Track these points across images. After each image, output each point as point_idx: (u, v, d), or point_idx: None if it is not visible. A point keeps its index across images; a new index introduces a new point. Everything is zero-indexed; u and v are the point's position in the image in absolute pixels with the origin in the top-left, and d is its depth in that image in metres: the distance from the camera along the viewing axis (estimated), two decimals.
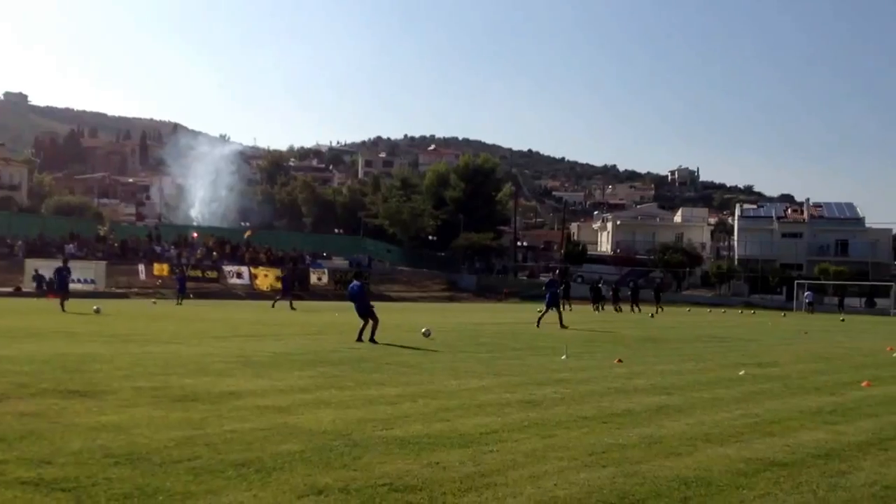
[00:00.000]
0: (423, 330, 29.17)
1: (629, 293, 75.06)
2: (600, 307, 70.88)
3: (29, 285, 65.07)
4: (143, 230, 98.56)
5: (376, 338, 26.85)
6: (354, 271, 34.10)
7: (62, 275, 44.33)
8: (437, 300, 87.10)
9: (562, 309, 42.45)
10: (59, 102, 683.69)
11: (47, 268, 65.79)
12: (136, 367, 18.44)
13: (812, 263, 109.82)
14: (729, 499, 8.79)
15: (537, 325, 39.28)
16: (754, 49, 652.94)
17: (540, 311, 42.13)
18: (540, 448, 10.95)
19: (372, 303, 28.42)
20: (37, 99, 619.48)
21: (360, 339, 26.71)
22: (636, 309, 70.28)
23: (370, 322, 27.15)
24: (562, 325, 39.27)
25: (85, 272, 69.50)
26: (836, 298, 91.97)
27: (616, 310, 70.05)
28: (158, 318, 38.34)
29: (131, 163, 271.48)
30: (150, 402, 13.55)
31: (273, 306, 55.88)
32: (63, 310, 39.98)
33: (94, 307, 40.02)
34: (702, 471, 9.94)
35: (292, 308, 50.69)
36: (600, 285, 75.35)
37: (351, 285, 28.95)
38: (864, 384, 19.59)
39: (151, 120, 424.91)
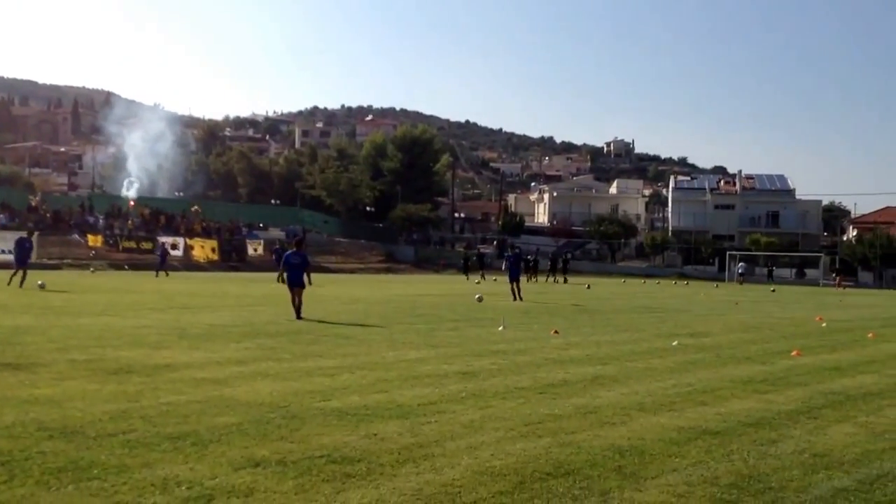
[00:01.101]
0: (477, 296, 28.25)
1: (560, 265, 76.23)
2: (533, 278, 71.63)
3: None
4: (75, 200, 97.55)
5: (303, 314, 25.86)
6: (296, 240, 33.14)
7: (24, 247, 40.75)
8: (375, 271, 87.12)
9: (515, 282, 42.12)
10: None
11: None
12: (70, 340, 18.29)
13: (744, 234, 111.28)
14: (662, 467, 8.91)
15: (518, 300, 38.98)
16: (688, 19, 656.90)
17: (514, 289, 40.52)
18: (477, 419, 11.01)
19: (311, 279, 27.35)
20: None
21: (299, 317, 25.49)
22: (560, 280, 72.47)
23: (297, 295, 26.09)
24: (518, 298, 39.08)
25: (6, 244, 68.62)
26: (767, 269, 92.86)
27: (555, 281, 71.07)
28: (91, 290, 37.96)
29: (63, 132, 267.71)
30: (84, 375, 13.44)
31: (157, 276, 55.50)
32: (21, 286, 38.00)
33: (39, 282, 39.25)
34: (635, 440, 10.06)
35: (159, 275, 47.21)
36: (529, 256, 75.81)
37: (290, 252, 27.50)
38: (794, 353, 19.90)
39: (84, 88, 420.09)
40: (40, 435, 9.30)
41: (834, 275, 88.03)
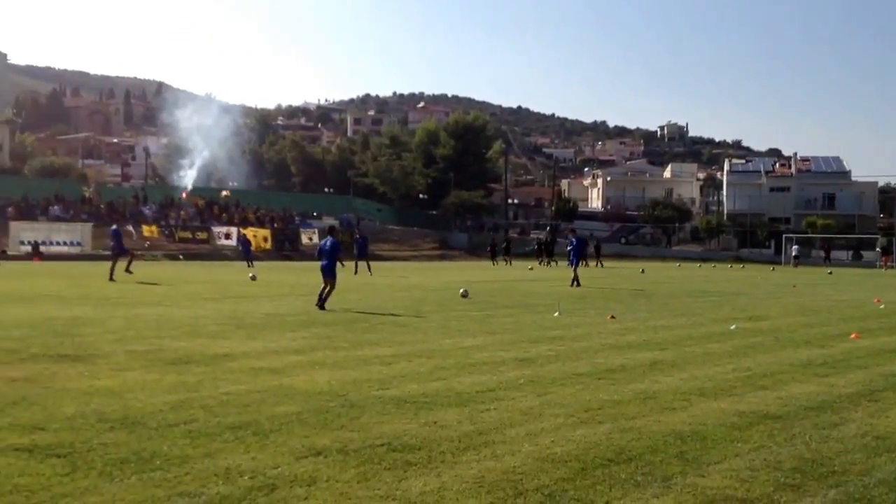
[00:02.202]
0: (462, 291, 28.05)
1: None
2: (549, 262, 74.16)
3: (15, 248, 64.65)
4: (129, 191, 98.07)
5: (327, 305, 24.93)
6: (328, 227, 33.00)
7: (119, 235, 41.33)
8: (429, 259, 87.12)
9: (551, 265, 41.71)
10: (40, 61, 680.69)
11: (31, 231, 65.59)
12: (128, 331, 18.40)
13: (799, 217, 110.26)
14: (724, 452, 8.84)
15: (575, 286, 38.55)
16: (743, 4, 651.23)
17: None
18: (536, 405, 10.98)
19: (343, 263, 27.49)
20: (16, 58, 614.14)
21: (320, 305, 24.90)
22: (595, 265, 72.28)
23: (328, 284, 25.52)
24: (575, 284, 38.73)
25: (71, 234, 69.26)
26: (823, 252, 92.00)
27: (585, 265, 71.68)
28: (148, 280, 38.15)
29: (115, 122, 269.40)
30: (143, 366, 13.53)
31: (249, 266, 55.41)
32: (128, 271, 39.42)
33: (250, 275, 40.79)
34: (696, 425, 10.00)
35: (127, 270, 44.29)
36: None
37: (323, 241, 27.13)
38: (852, 336, 19.71)
39: (135, 78, 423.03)
40: (101, 426, 9.34)
41: (881, 255, 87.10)
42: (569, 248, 41.35)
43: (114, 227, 42.89)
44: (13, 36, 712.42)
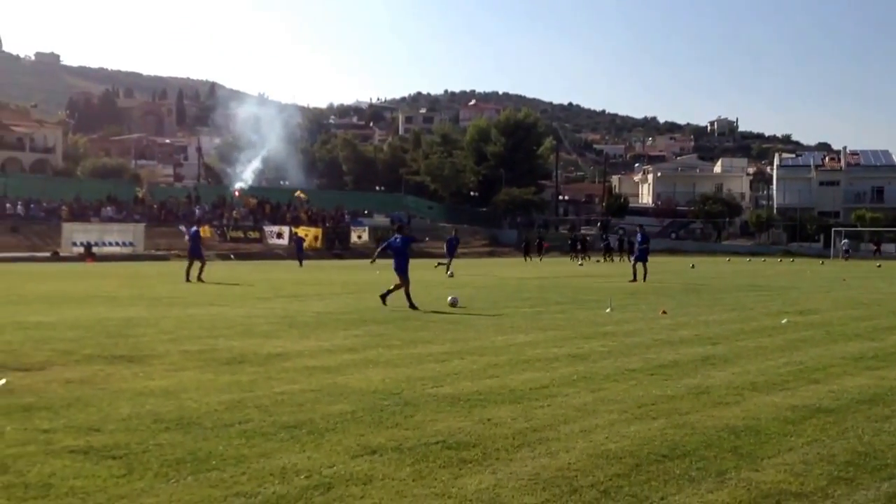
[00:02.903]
0: (450, 299, 27.77)
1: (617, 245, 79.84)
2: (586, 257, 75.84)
3: (67, 249, 65.23)
4: (181, 191, 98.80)
5: (389, 300, 24.66)
6: (397, 225, 32.80)
7: (196, 237, 39.15)
8: (479, 255, 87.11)
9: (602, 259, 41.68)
10: (93, 62, 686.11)
11: (84, 232, 66.13)
12: (181, 331, 18.49)
13: (849, 211, 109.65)
14: (777, 446, 8.83)
15: (637, 280, 38.55)
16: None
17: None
18: (590, 402, 10.98)
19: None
20: (69, 59, 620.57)
21: (410, 304, 24.31)
22: (618, 259, 74.89)
23: (402, 282, 24.99)
24: (634, 279, 38.67)
25: (124, 235, 69.81)
26: (873, 245, 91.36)
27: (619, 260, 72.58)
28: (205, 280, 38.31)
29: (168, 123, 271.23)
30: (197, 366, 13.61)
31: (301, 266, 55.56)
32: (199, 279, 36.75)
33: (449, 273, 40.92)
34: (750, 419, 9.98)
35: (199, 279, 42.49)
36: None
37: (392, 238, 26.45)
38: None
39: (188, 79, 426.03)
40: (157, 427, 9.39)
41: None
42: (638, 244, 40.98)
43: (193, 228, 41.59)
44: (66, 37, 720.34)
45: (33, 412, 10.06)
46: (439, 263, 44.81)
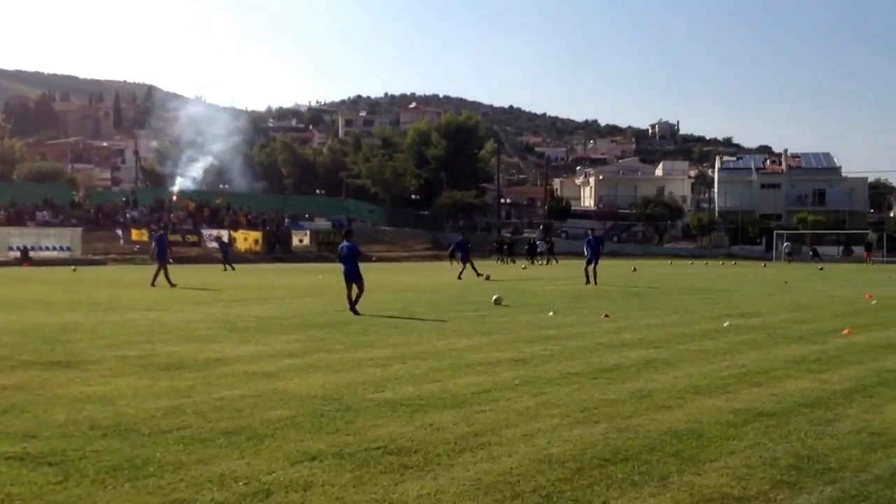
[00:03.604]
0: (495, 297, 27.72)
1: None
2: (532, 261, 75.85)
3: (2, 254, 64.45)
4: (119, 195, 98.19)
5: (359, 307, 24.20)
6: (344, 230, 32.53)
7: (163, 242, 38.40)
8: (421, 259, 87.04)
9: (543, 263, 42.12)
10: (28, 66, 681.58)
11: (20, 236, 65.49)
12: (119, 336, 18.34)
13: (791, 213, 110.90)
14: (720, 450, 8.86)
15: (591, 283, 38.91)
16: (732, 1, 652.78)
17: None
18: (532, 406, 10.97)
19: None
20: (5, 62, 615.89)
21: (352, 309, 24.07)
22: (542, 262, 76.16)
23: (355, 288, 24.65)
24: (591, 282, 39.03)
25: (60, 239, 69.24)
26: (811, 248, 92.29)
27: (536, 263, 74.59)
28: (137, 285, 38.00)
29: (105, 126, 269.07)
30: (135, 372, 13.48)
31: (224, 270, 55.14)
32: (170, 284, 35.99)
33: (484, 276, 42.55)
34: (692, 423, 10.03)
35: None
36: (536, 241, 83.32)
37: (341, 246, 26.23)
38: (845, 332, 19.75)
39: (124, 82, 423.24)
40: (93, 433, 9.31)
41: (864, 250, 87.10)
42: (591, 247, 41.41)
43: (159, 232, 41.10)
44: (2, 41, 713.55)
45: None
46: (479, 275, 45.05)
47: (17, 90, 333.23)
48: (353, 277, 24.70)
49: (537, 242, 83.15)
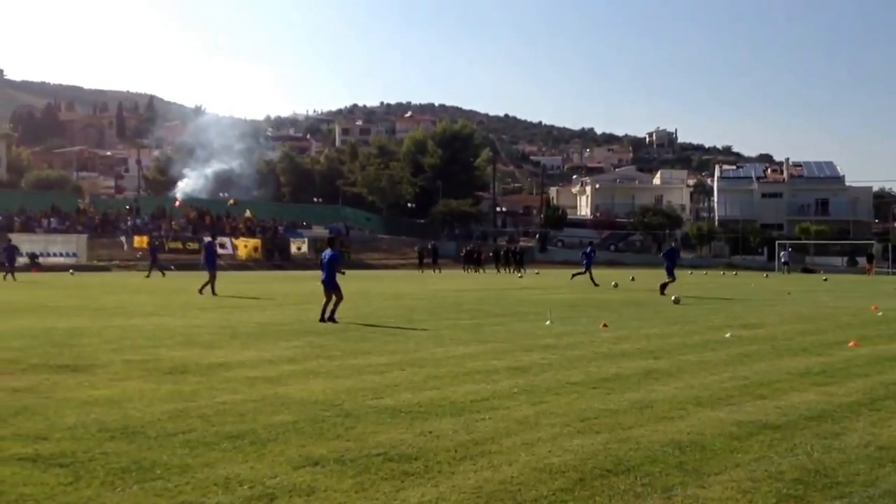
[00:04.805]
0: (673, 298, 27.53)
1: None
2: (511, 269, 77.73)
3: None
4: (122, 203, 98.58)
5: (337, 316, 23.97)
6: (328, 238, 32.24)
7: (211, 250, 37.54)
8: (417, 267, 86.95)
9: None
10: (35, 76, 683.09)
11: (29, 242, 65.80)
12: (125, 340, 18.49)
13: (793, 223, 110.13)
14: (724, 462, 8.78)
15: (662, 294, 38.92)
16: (729, 8, 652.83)
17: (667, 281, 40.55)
18: (531, 415, 10.98)
19: (344, 271, 26.29)
20: (12, 73, 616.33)
21: (322, 319, 23.78)
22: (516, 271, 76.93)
23: (333, 297, 24.29)
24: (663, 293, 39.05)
25: (66, 246, 69.56)
26: (816, 258, 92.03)
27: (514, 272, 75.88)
28: (142, 290, 38.13)
29: (109, 135, 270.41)
30: (140, 375, 13.60)
31: (148, 276, 55.12)
32: (213, 293, 35.12)
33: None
34: (695, 435, 9.96)
35: (156, 275, 47.81)
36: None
37: (324, 252, 25.82)
38: (850, 344, 19.58)
39: (128, 92, 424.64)
40: (102, 436, 9.40)
41: (866, 262, 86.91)
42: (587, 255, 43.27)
43: (206, 240, 40.42)
44: (9, 52, 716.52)
45: None
46: (575, 275, 46.34)
47: (24, 100, 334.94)
48: (331, 285, 24.46)
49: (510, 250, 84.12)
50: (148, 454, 8.65)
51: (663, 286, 39.35)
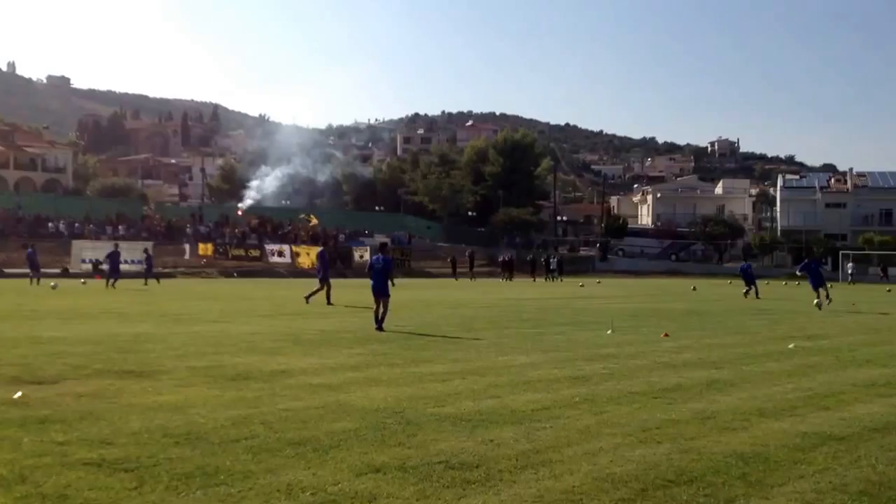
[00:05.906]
0: (815, 301, 27.38)
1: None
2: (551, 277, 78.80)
3: (76, 266, 65.59)
4: (186, 210, 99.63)
5: (384, 325, 23.71)
6: (380, 244, 31.80)
7: (325, 260, 38.13)
8: (478, 276, 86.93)
9: None
10: (101, 85, 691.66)
11: (93, 249, 66.59)
12: (189, 347, 18.67)
13: (857, 233, 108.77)
14: (787, 474, 8.71)
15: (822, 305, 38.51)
16: (792, 17, 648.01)
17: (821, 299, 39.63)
18: (593, 424, 10.95)
19: (394, 281, 25.51)
20: (79, 82, 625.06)
21: (379, 328, 23.49)
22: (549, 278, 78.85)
23: (382, 304, 24.00)
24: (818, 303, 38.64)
25: (131, 253, 70.12)
26: (881, 270, 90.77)
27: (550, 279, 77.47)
28: (205, 297, 38.43)
29: (173, 144, 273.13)
30: (204, 382, 13.72)
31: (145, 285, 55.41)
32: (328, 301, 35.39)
33: (52, 283, 43.19)
34: (758, 446, 9.87)
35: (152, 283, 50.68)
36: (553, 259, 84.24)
37: (375, 258, 25.42)
38: None
39: (192, 101, 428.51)
40: (166, 441, 9.48)
41: None
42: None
43: (320, 249, 40.37)
44: (76, 61, 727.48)
45: (48, 425, 10.22)
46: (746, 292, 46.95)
47: (91, 108, 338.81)
48: (381, 293, 24.16)
49: (551, 259, 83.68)
50: (211, 460, 8.71)
51: (818, 304, 38.62)
